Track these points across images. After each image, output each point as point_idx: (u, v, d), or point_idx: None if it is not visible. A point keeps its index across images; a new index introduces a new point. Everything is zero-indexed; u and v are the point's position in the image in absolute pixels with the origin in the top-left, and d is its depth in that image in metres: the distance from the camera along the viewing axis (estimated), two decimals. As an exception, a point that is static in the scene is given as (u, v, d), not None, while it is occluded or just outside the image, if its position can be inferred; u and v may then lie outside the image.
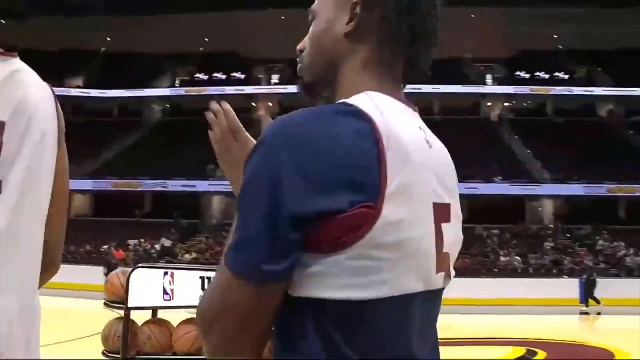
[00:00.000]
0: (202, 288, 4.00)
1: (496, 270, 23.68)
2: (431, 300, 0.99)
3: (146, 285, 4.07)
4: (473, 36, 36.15)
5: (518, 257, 24.69)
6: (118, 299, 4.12)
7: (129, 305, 3.99)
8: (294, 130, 0.87)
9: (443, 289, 1.04)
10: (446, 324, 15.66)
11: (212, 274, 3.87)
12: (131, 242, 28.51)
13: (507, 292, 19.75)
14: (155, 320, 4.25)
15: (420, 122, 1.04)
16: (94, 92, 39.74)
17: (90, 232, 30.66)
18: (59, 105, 1.34)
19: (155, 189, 33.08)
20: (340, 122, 0.88)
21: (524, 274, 23.34)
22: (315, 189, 0.84)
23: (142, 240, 28.55)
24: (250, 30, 36.07)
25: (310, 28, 1.11)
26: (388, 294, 0.88)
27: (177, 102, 40.63)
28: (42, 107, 1.27)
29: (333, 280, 0.86)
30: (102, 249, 27.46)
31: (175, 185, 32.20)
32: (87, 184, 34.06)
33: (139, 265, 4.32)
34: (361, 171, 0.86)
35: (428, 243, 0.93)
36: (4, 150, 1.16)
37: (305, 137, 0.86)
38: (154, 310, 4.30)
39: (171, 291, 4.10)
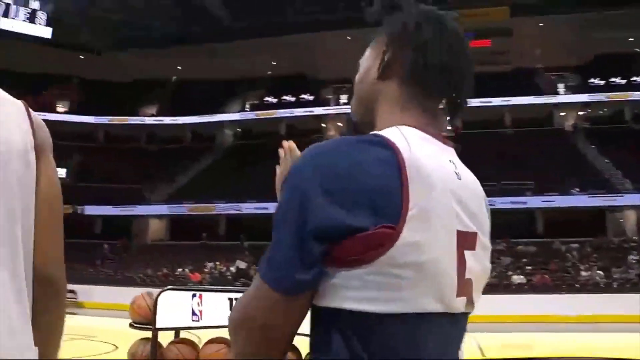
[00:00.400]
0: (231, 309, 4.01)
1: (577, 285, 22.77)
2: (452, 323, 1.05)
3: (174, 307, 4.16)
4: (543, 45, 35.36)
5: (600, 272, 23.69)
6: (144, 320, 4.17)
7: (158, 325, 4.06)
8: (323, 156, 0.98)
9: (467, 314, 1.10)
10: (527, 343, 15.20)
11: (239, 295, 3.95)
12: (207, 264, 29.00)
13: (590, 309, 18.93)
14: (181, 340, 4.31)
15: (451, 156, 1.11)
16: (167, 120, 40.89)
17: (167, 256, 31.40)
18: (35, 120, 1.33)
19: (229, 212, 33.59)
20: (366, 150, 0.98)
21: (607, 289, 22.32)
22: (339, 208, 0.93)
23: (217, 263, 29.00)
24: (317, 52, 36.45)
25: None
26: (403, 310, 0.95)
27: (248, 126, 41.37)
28: (6, 122, 1.25)
29: (353, 292, 0.95)
30: (178, 273, 28.06)
31: (248, 207, 32.59)
32: (163, 209, 35.00)
33: (168, 287, 4.35)
34: (383, 195, 0.94)
35: (448, 267, 1.01)
36: None
37: (332, 162, 0.96)
38: (177, 331, 4.37)
39: (200, 312, 4.19)
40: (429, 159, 1.01)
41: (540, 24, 33.99)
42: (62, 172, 35.72)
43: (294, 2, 37.45)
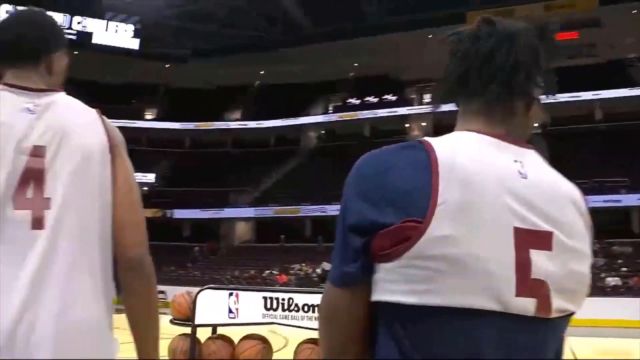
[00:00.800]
0: (265, 307, 4.36)
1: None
2: (521, 326, 1.02)
3: (212, 305, 4.44)
4: (635, 34, 33.71)
5: None
6: (183, 317, 4.49)
7: (196, 322, 4.37)
8: (363, 163, 1.09)
9: (549, 320, 1.05)
10: (625, 349, 14.47)
11: (273, 295, 4.35)
12: (293, 266, 29.30)
13: None
14: (218, 336, 4.60)
15: (519, 156, 1.10)
16: (252, 124, 41.57)
17: (254, 258, 31.95)
18: (107, 125, 1.51)
19: (314, 214, 33.80)
20: (400, 154, 1.06)
21: None
22: (369, 206, 1.02)
23: (303, 264, 29.25)
24: (398, 52, 36.17)
25: None
26: (441, 303, 0.97)
27: (332, 128, 41.54)
28: (83, 129, 1.46)
29: (390, 285, 1.00)
30: (265, 274, 28.49)
31: (333, 210, 32.69)
32: (250, 212, 35.61)
33: (207, 286, 4.64)
34: (411, 192, 1.00)
35: (499, 263, 0.99)
36: (49, 171, 1.38)
37: (369, 168, 1.07)
38: (214, 327, 4.65)
39: (236, 310, 4.42)
40: (472, 157, 1.04)
41: (633, 12, 32.44)
42: (150, 177, 36.98)
43: (374, 4, 37.37)
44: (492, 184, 1.02)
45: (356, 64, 40.19)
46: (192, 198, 35.90)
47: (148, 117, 42.37)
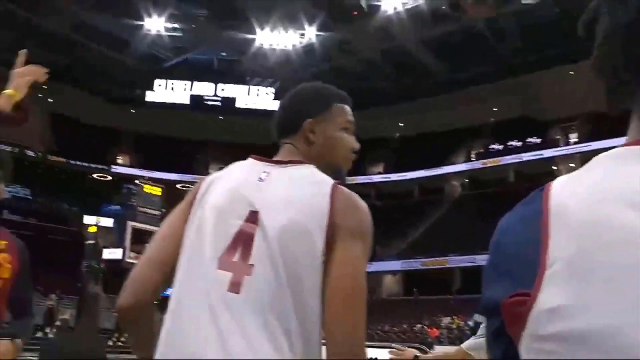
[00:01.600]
0: None
1: None
2: None
3: None
4: None
5: None
6: None
7: None
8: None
9: None
10: None
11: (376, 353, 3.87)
12: (442, 319, 28.52)
13: None
14: None
15: None
16: (394, 176, 41.66)
17: (403, 312, 31.48)
18: (340, 203, 1.41)
19: (464, 264, 32.92)
20: (517, 210, 0.81)
21: None
22: (487, 279, 0.80)
23: (454, 317, 28.39)
24: (539, 92, 35.00)
25: None
26: None
27: (475, 175, 40.62)
28: (302, 202, 1.38)
29: None
30: (416, 328, 27.91)
31: (483, 260, 31.53)
32: (397, 265, 35.34)
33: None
34: (520, 257, 0.73)
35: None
36: (258, 238, 1.35)
37: (494, 232, 0.83)
38: None
39: None
40: (596, 185, 0.70)
41: None
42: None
43: (507, 45, 36.58)
44: (623, 218, 0.65)
45: (495, 108, 39.31)
46: (339, 253, 36.24)
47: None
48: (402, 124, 42.95)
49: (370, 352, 4.21)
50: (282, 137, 1.63)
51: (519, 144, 37.98)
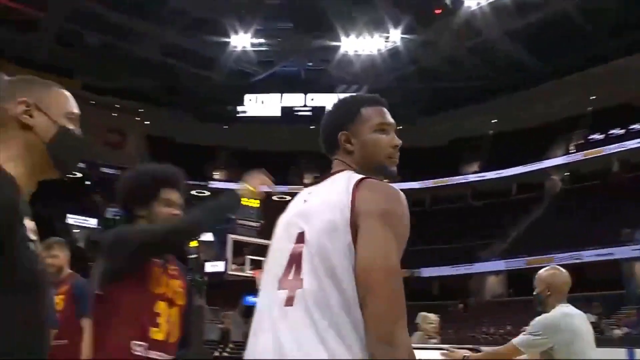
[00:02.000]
0: None
1: None
2: None
3: None
4: None
5: None
6: None
7: None
8: None
9: None
10: None
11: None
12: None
13: None
14: None
15: None
16: (490, 174, 40.65)
17: (507, 313, 30.53)
18: (359, 194, 1.53)
19: (569, 261, 31.61)
20: None
21: None
22: None
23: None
24: (638, 76, 33.15)
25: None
26: None
27: (576, 168, 38.90)
28: (329, 206, 1.55)
29: None
30: (522, 330, 26.93)
31: (590, 255, 30.33)
32: (500, 265, 34.36)
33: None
34: None
35: None
36: (305, 254, 1.53)
37: None
38: None
39: None
40: None
41: None
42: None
43: (601, 30, 34.85)
44: None
45: (593, 97, 37.56)
46: (438, 255, 35.69)
47: (386, 180, 43.47)
48: (495, 121, 41.84)
49: (423, 354, 4.10)
50: (330, 154, 1.77)
51: (622, 131, 36.04)
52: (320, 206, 1.57)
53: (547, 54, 36.61)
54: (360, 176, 1.59)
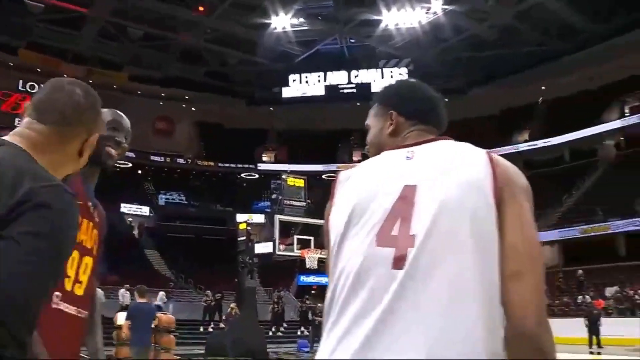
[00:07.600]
0: None
1: None
2: None
3: None
4: None
5: None
6: None
7: None
8: None
9: None
10: None
11: None
12: (609, 290, 26.90)
13: None
14: None
15: None
16: (541, 143, 39.89)
17: (564, 283, 30.08)
18: (498, 167, 1.39)
19: (627, 229, 30.90)
20: None
21: None
22: None
23: (620, 287, 26.64)
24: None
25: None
26: None
27: (632, 132, 37.64)
28: (459, 166, 1.38)
29: None
30: (579, 301, 26.50)
31: (647, 223, 29.66)
32: (553, 235, 33.74)
33: None
34: None
35: None
36: (418, 208, 1.32)
37: None
38: None
39: None
40: None
41: None
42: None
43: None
44: None
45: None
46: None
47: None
48: (545, 87, 40.85)
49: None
50: (423, 123, 1.69)
51: (681, 93, 34.84)
52: (442, 173, 1.38)
53: (597, 14, 35.44)
54: (480, 148, 1.47)
